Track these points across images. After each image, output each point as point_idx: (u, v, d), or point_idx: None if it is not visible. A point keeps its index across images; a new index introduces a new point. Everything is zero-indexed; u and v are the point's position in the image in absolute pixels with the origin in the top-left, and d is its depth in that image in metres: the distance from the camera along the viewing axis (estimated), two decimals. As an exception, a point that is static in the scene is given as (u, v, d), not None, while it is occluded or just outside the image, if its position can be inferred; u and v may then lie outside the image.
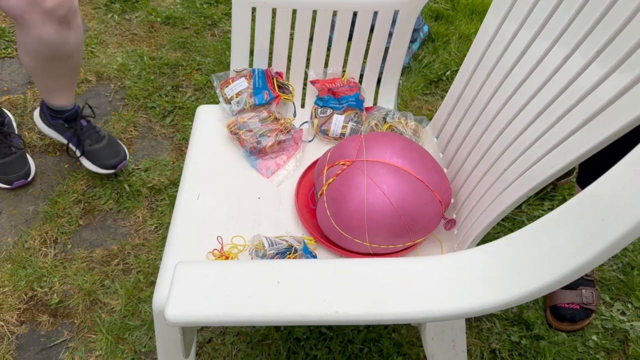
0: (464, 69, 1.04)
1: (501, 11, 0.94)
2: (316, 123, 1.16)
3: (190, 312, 0.59)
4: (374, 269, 0.65)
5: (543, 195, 1.54)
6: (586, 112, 0.68)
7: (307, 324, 0.60)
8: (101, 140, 1.55)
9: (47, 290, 1.33)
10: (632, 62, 0.64)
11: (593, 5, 0.73)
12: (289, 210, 1.01)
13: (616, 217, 0.51)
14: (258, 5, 1.12)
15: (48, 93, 1.47)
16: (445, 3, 2.34)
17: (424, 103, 1.87)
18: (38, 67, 1.33)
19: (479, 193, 0.90)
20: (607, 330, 1.27)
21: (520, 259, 0.61)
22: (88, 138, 1.54)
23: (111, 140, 1.58)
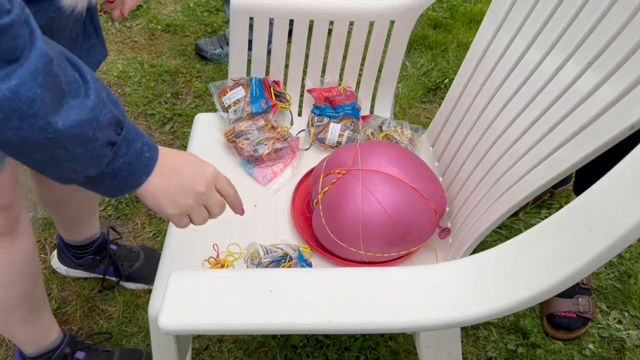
0: (459, 78, 1.05)
1: (496, 20, 0.95)
2: (313, 131, 1.17)
3: (183, 320, 0.60)
4: (367, 278, 0.66)
5: (540, 204, 1.55)
6: (576, 124, 0.69)
7: (299, 332, 0.61)
8: (138, 258, 1.36)
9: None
10: (621, 73, 0.64)
11: (585, 17, 0.74)
12: (285, 218, 1.02)
13: (604, 226, 0.51)
14: (255, 15, 1.13)
15: (67, 229, 1.27)
16: (444, 12, 2.35)
17: (422, 111, 1.88)
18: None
19: (473, 202, 0.91)
20: (603, 338, 1.27)
21: (512, 269, 0.61)
22: (124, 261, 1.34)
23: (147, 252, 1.39)
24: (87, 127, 0.55)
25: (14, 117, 0.49)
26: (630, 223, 0.48)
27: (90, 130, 0.55)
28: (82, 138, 0.55)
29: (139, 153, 0.61)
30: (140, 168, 0.62)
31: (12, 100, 0.48)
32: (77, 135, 0.54)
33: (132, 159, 0.61)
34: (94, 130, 0.55)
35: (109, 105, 0.57)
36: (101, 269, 1.33)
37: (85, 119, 0.54)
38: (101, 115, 0.56)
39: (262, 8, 1.13)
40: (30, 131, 0.51)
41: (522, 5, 0.89)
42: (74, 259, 1.33)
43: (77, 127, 0.54)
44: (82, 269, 1.35)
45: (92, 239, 1.30)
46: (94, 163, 0.58)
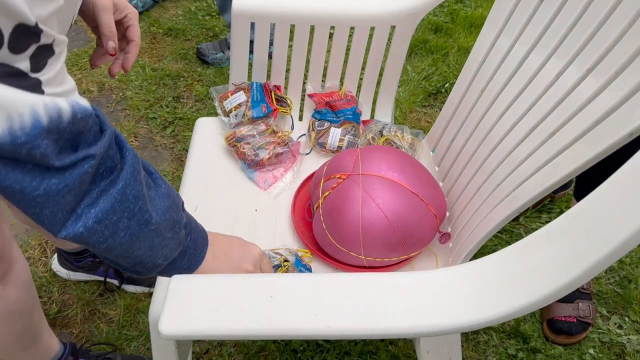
0: (459, 83, 1.05)
1: (497, 25, 0.95)
2: (313, 136, 1.17)
3: (183, 325, 0.60)
4: (367, 283, 0.66)
5: (541, 208, 1.55)
6: (576, 130, 0.69)
7: (299, 338, 0.61)
8: None
9: (46, 299, 1.34)
10: (620, 80, 0.65)
11: (585, 23, 0.75)
12: (286, 222, 1.02)
13: (602, 234, 0.52)
14: (257, 20, 1.14)
15: (58, 242, 1.29)
16: (445, 16, 2.36)
17: (422, 115, 1.88)
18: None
19: (474, 207, 0.91)
20: (604, 343, 1.27)
21: (512, 275, 0.61)
22: None
23: None
24: (171, 211, 0.60)
25: (124, 217, 0.54)
26: (629, 230, 0.48)
27: (175, 213, 0.61)
28: (171, 222, 0.60)
29: (197, 229, 0.67)
30: (201, 243, 0.67)
31: (122, 201, 0.53)
32: (168, 220, 0.59)
33: (196, 235, 0.66)
34: (176, 212, 0.61)
35: (172, 188, 0.62)
36: (101, 271, 1.34)
37: (168, 204, 0.60)
38: (175, 198, 0.62)
39: (263, 13, 1.13)
40: (137, 227, 0.56)
41: (523, 11, 0.89)
42: (74, 262, 1.33)
43: (167, 213, 0.59)
44: (83, 271, 1.35)
45: None
46: (177, 244, 0.63)
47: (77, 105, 0.49)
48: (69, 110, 0.48)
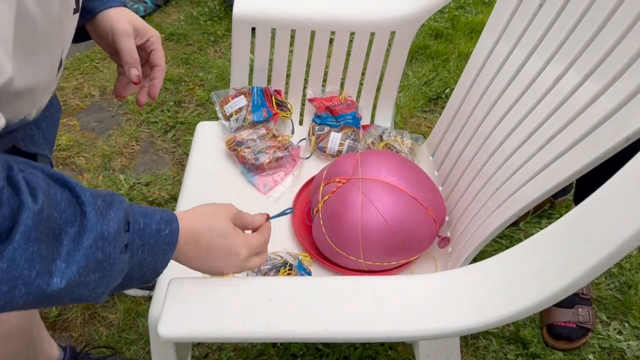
0: (459, 88, 1.06)
1: (496, 31, 0.96)
2: (313, 140, 1.18)
3: (182, 328, 0.60)
4: (366, 287, 0.66)
5: (541, 213, 1.55)
6: (575, 135, 0.69)
7: (297, 341, 0.61)
8: None
9: (46, 303, 1.34)
10: (618, 85, 0.65)
11: (584, 28, 0.75)
12: (285, 226, 1.02)
13: (599, 239, 0.52)
14: (258, 26, 1.14)
15: None
16: (445, 22, 2.37)
17: (423, 120, 1.89)
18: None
19: (472, 211, 0.91)
20: (603, 349, 1.27)
21: (510, 278, 0.61)
22: None
23: None
24: (94, 251, 0.50)
25: (19, 285, 0.45)
26: (626, 235, 0.48)
27: (99, 252, 0.50)
28: (94, 264, 0.50)
29: (156, 235, 0.57)
30: (163, 247, 0.58)
31: (10, 270, 0.44)
32: (88, 265, 0.50)
33: (152, 244, 0.56)
34: (103, 249, 0.51)
35: (108, 211, 0.52)
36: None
37: (90, 243, 0.49)
38: (105, 230, 0.50)
39: (264, 18, 1.14)
40: (41, 290, 0.47)
41: (522, 16, 0.89)
42: None
43: (85, 259, 0.49)
44: None
45: None
46: (115, 275, 0.54)
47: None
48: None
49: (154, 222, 0.57)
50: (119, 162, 1.71)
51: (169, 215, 0.59)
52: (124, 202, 0.55)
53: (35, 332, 0.98)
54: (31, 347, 0.98)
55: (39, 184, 0.47)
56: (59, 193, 0.49)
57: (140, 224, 0.55)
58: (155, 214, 0.58)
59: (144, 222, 0.56)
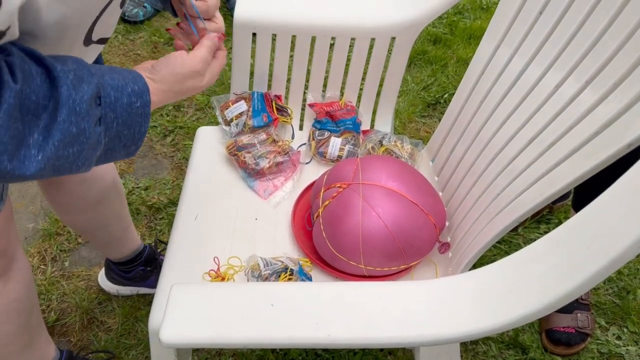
0: (459, 94, 1.06)
1: (496, 37, 0.96)
2: (314, 145, 1.18)
3: (184, 334, 0.60)
4: (367, 293, 0.66)
5: (539, 219, 1.55)
6: (575, 141, 0.70)
7: (300, 347, 0.61)
8: None
9: (45, 307, 1.34)
10: (618, 92, 0.66)
11: (583, 36, 0.76)
12: (286, 231, 1.02)
13: (601, 245, 0.52)
14: (258, 31, 1.15)
15: (105, 250, 1.27)
16: (444, 27, 2.38)
17: (421, 125, 1.89)
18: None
19: (473, 217, 0.91)
20: (602, 354, 1.27)
21: (511, 285, 0.62)
22: None
23: None
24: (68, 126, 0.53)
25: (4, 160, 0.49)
26: (627, 241, 0.48)
27: (73, 127, 0.53)
28: (70, 138, 0.53)
29: (128, 108, 0.59)
30: (137, 118, 0.60)
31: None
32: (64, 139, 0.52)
33: (125, 117, 0.59)
34: (77, 123, 0.53)
35: (80, 86, 0.54)
36: (152, 281, 1.32)
37: (63, 118, 0.52)
38: (76, 105, 0.53)
39: (265, 24, 1.14)
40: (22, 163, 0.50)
41: (522, 23, 0.90)
42: (123, 274, 1.31)
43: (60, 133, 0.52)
44: (134, 282, 1.32)
45: (137, 252, 1.28)
46: (95, 146, 0.57)
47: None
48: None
49: (125, 95, 0.59)
50: (118, 167, 1.71)
51: (140, 89, 0.61)
52: (95, 76, 0.56)
53: (33, 319, 0.98)
54: (27, 335, 0.97)
55: (15, 62, 0.50)
56: (34, 68, 0.51)
57: (112, 98, 0.57)
58: (127, 87, 0.59)
59: (114, 96, 0.58)
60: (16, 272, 0.90)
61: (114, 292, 1.35)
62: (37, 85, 0.51)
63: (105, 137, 0.58)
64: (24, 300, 0.93)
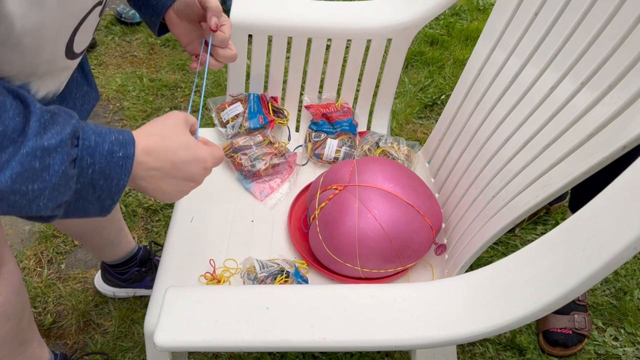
0: (455, 96, 1.06)
1: (492, 38, 0.96)
2: (310, 147, 1.18)
3: (178, 337, 0.60)
4: (363, 296, 0.66)
5: (536, 220, 1.55)
6: (571, 143, 0.70)
7: (295, 350, 0.61)
8: None
9: (41, 310, 1.33)
10: (614, 94, 0.65)
11: (579, 37, 0.76)
12: (282, 233, 1.02)
13: (597, 247, 0.52)
14: (254, 33, 1.14)
15: (100, 253, 1.25)
16: (441, 29, 2.38)
17: (418, 126, 1.89)
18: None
19: (469, 219, 0.91)
20: (599, 355, 1.27)
21: (507, 287, 0.61)
22: None
23: None
24: (31, 159, 0.49)
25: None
26: (623, 243, 0.48)
27: (36, 162, 0.50)
28: (31, 173, 0.50)
29: (108, 155, 0.55)
30: (117, 169, 0.56)
31: None
32: (23, 173, 0.49)
33: (103, 164, 0.55)
34: (42, 158, 0.50)
35: (54, 124, 0.52)
36: (148, 281, 1.32)
37: (27, 151, 0.49)
38: (45, 141, 0.50)
39: (261, 26, 1.14)
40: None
41: (518, 24, 0.90)
42: (119, 275, 1.31)
43: (20, 166, 0.49)
44: (130, 283, 1.32)
45: (131, 253, 1.28)
46: (61, 189, 0.53)
47: None
48: None
49: (107, 142, 0.55)
50: None
51: (125, 139, 0.57)
52: (74, 118, 0.54)
53: (24, 323, 0.97)
54: (17, 339, 0.96)
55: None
56: (9, 101, 0.50)
57: (92, 142, 0.54)
58: (111, 135, 0.56)
59: (95, 141, 0.55)
60: (4, 275, 0.88)
61: (110, 294, 1.35)
62: (8, 117, 0.49)
63: (78, 183, 0.54)
64: (14, 304, 0.92)
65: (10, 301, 0.91)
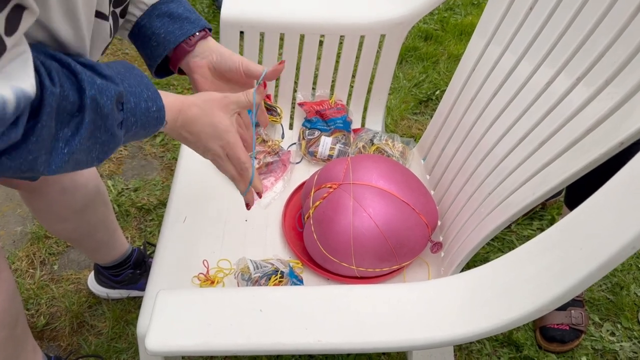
0: (449, 92, 1.05)
1: (486, 34, 0.95)
2: (304, 145, 1.17)
3: (170, 342, 0.59)
4: (358, 296, 0.65)
5: (532, 215, 1.55)
6: (567, 139, 0.69)
7: (289, 353, 0.60)
8: None
9: (34, 312, 1.32)
10: (611, 89, 0.65)
11: (575, 32, 0.75)
12: (276, 232, 1.01)
13: (594, 246, 0.51)
14: (246, 29, 1.13)
15: (93, 255, 1.25)
16: (435, 23, 2.37)
17: (413, 122, 1.88)
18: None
19: (465, 216, 0.90)
20: (596, 351, 1.26)
21: (504, 287, 0.61)
22: None
23: None
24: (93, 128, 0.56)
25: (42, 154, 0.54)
26: (620, 243, 0.47)
27: (98, 130, 0.57)
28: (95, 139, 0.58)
29: (146, 112, 0.63)
30: (153, 121, 0.65)
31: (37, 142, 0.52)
32: (89, 137, 0.57)
33: (143, 120, 0.63)
34: (102, 126, 0.58)
35: (104, 92, 0.57)
36: (142, 284, 1.30)
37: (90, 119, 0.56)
38: (100, 109, 0.57)
39: (253, 22, 1.13)
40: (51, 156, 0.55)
41: (513, 19, 0.89)
42: (113, 277, 1.29)
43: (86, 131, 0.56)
44: (124, 285, 1.31)
45: (125, 255, 1.27)
46: (113, 146, 0.61)
47: (21, 94, 0.49)
48: (13, 101, 0.48)
49: (142, 100, 0.63)
50: (107, 168, 1.69)
51: (154, 94, 0.64)
52: (117, 84, 0.60)
53: (18, 330, 0.95)
54: (11, 345, 0.94)
55: (53, 66, 0.54)
56: (64, 72, 0.55)
57: (132, 104, 0.61)
58: (143, 92, 0.63)
59: (134, 102, 0.62)
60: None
61: (104, 296, 1.33)
62: (68, 88, 0.54)
63: (124, 139, 0.63)
64: (8, 312, 0.90)
65: (5, 309, 0.90)
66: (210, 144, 0.72)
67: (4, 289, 0.89)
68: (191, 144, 0.73)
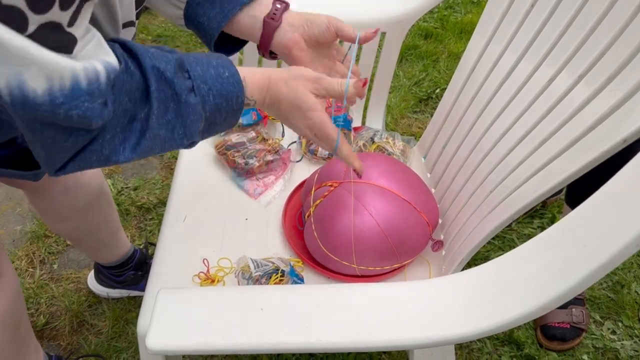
0: (450, 90, 1.05)
1: (487, 32, 0.95)
2: (304, 143, 1.16)
3: (171, 340, 0.58)
4: (359, 295, 0.65)
5: (533, 213, 1.55)
6: (569, 137, 0.69)
7: (290, 352, 0.60)
8: None
9: (34, 311, 1.32)
10: (613, 86, 0.64)
11: (576, 30, 0.74)
12: (277, 231, 1.01)
13: (597, 244, 0.51)
14: (246, 26, 1.12)
15: (94, 254, 1.24)
16: (435, 22, 2.36)
17: (413, 121, 1.88)
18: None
19: (466, 215, 0.90)
20: (597, 349, 1.26)
21: (505, 286, 0.60)
22: None
23: None
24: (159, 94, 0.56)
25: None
26: (622, 242, 0.47)
27: (164, 94, 0.56)
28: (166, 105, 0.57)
29: (218, 78, 0.60)
30: (230, 87, 0.60)
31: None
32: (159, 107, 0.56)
33: (219, 87, 0.60)
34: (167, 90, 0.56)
35: (161, 56, 0.57)
36: (144, 285, 1.27)
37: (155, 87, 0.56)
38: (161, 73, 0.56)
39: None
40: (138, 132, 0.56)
41: (513, 17, 0.89)
42: (114, 277, 1.29)
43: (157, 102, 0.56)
44: (124, 286, 1.31)
45: (127, 256, 1.26)
46: (192, 117, 0.58)
47: (109, 66, 0.51)
48: (104, 72, 0.50)
49: (211, 67, 0.60)
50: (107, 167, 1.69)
51: (224, 62, 0.62)
52: (172, 52, 0.59)
53: (22, 331, 0.96)
54: (14, 346, 0.95)
55: (117, 50, 0.55)
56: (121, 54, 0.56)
57: (198, 71, 0.59)
58: (211, 61, 0.61)
59: (201, 69, 0.59)
60: (2, 286, 0.88)
61: (104, 295, 1.33)
62: (130, 64, 0.55)
63: (205, 111, 0.59)
64: (11, 313, 0.91)
65: (8, 311, 0.90)
66: (297, 124, 0.68)
67: (8, 291, 0.89)
68: (285, 124, 0.71)
